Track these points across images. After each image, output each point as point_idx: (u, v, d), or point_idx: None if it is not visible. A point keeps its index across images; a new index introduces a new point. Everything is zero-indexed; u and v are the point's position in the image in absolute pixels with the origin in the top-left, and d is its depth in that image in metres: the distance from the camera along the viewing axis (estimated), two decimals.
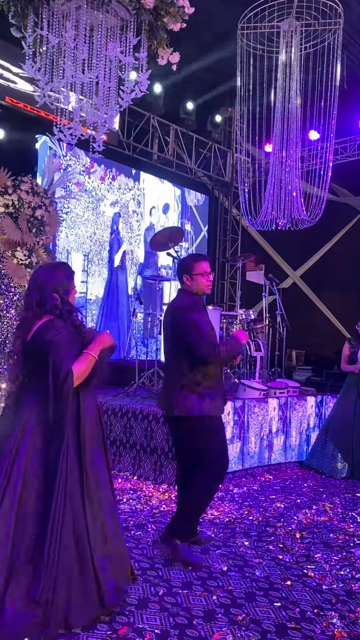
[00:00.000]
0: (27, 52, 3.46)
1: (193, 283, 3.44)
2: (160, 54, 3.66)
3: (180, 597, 2.87)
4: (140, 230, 10.06)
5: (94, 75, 3.55)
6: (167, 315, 3.53)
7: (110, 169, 9.47)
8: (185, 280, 3.48)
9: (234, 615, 2.72)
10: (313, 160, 9.62)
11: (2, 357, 6.56)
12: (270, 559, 3.47)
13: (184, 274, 3.48)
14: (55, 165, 8.26)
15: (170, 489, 4.85)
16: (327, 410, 6.53)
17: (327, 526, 4.16)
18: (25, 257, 6.40)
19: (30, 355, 2.57)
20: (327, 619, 2.73)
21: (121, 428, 5.54)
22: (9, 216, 6.33)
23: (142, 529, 3.85)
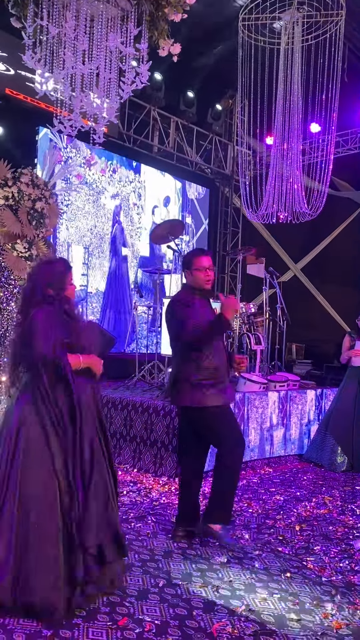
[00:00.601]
0: (27, 43, 3.43)
1: (192, 278, 3.50)
2: (161, 45, 3.64)
3: (180, 588, 2.89)
4: (140, 223, 10.03)
5: (94, 67, 3.52)
6: (166, 309, 3.62)
7: (110, 161, 9.43)
8: (186, 275, 3.56)
9: (233, 606, 2.74)
10: (314, 153, 9.58)
11: (3, 350, 6.57)
12: (270, 551, 3.48)
13: (185, 269, 3.56)
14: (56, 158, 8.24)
15: (170, 481, 4.86)
16: (327, 404, 6.54)
17: (326, 519, 4.17)
18: (25, 250, 6.38)
19: (23, 345, 2.61)
20: (326, 611, 2.74)
21: (121, 421, 5.55)
22: (8, 208, 6.32)
23: (142, 521, 3.87)
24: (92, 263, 9.06)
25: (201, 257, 3.48)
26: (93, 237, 9.11)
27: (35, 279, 2.72)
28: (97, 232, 9.20)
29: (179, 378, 3.47)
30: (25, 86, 7.44)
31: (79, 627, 2.44)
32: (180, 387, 3.44)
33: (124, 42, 3.43)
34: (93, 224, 9.12)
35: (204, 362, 3.38)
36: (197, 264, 3.46)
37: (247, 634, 2.49)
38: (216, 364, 3.42)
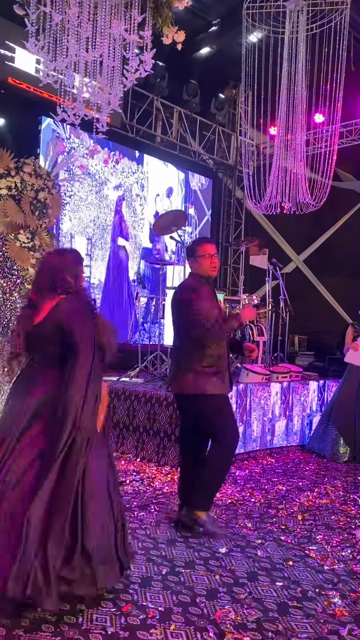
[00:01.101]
0: (30, 30, 3.41)
1: (198, 266, 3.55)
2: (165, 33, 3.61)
3: (183, 576, 2.91)
4: (143, 215, 10.00)
5: (97, 54, 3.50)
6: (172, 298, 3.64)
7: (113, 152, 9.39)
8: (191, 264, 3.61)
9: (236, 593, 2.75)
10: (318, 144, 9.52)
11: (6, 340, 6.57)
12: (272, 540, 3.50)
13: (189, 257, 3.60)
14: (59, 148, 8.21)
15: (172, 470, 4.88)
16: (329, 395, 6.55)
17: (328, 508, 4.19)
18: (28, 240, 6.37)
19: (42, 336, 2.58)
20: (328, 598, 2.76)
21: (124, 411, 5.56)
22: (11, 198, 6.31)
23: (145, 509, 3.88)
24: (94, 254, 9.05)
25: (206, 245, 3.54)
26: (96, 228, 9.10)
27: (52, 268, 2.66)
28: (99, 223, 9.18)
29: (181, 365, 3.52)
30: (28, 75, 7.40)
31: (83, 612, 2.46)
32: (183, 374, 3.47)
33: (128, 30, 3.40)
34: (96, 215, 9.10)
35: (207, 350, 3.42)
36: (202, 251, 3.51)
37: (250, 620, 2.51)
38: (219, 353, 3.46)
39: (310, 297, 11.17)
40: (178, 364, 3.56)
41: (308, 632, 2.44)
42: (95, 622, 2.40)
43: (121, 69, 3.62)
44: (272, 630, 2.44)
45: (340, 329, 8.84)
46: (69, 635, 2.29)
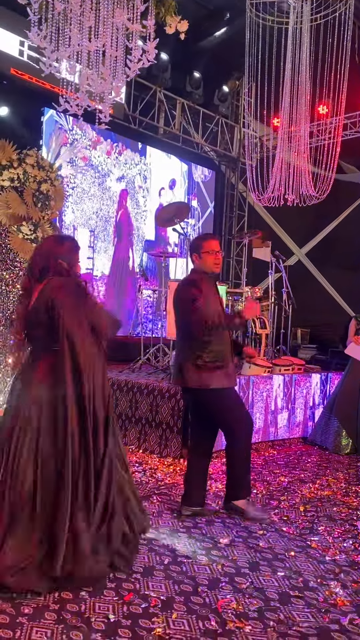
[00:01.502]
0: (33, 20, 3.39)
1: (201, 262, 3.56)
2: (168, 22, 3.59)
3: (185, 566, 2.92)
4: (146, 207, 9.98)
5: (100, 44, 3.48)
6: (175, 293, 3.65)
7: (116, 144, 9.36)
8: (194, 259, 3.62)
9: (238, 583, 2.77)
10: (321, 136, 9.47)
11: (9, 330, 6.58)
12: (274, 531, 3.51)
13: (193, 253, 3.60)
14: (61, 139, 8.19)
15: (175, 462, 4.90)
16: (332, 387, 6.55)
17: (330, 500, 4.20)
18: (31, 232, 6.37)
19: (35, 320, 2.60)
20: (329, 588, 2.77)
21: (127, 403, 5.57)
22: (14, 190, 6.30)
23: (148, 500, 3.90)
24: (97, 246, 9.04)
25: (210, 241, 3.56)
26: (99, 220, 9.08)
27: (45, 253, 2.68)
28: (102, 215, 9.16)
29: (185, 360, 3.53)
30: (30, 66, 7.37)
31: (86, 601, 2.48)
32: (187, 369, 3.49)
33: (131, 19, 3.38)
34: (99, 207, 9.08)
35: (209, 345, 3.44)
36: (206, 247, 3.53)
37: (251, 610, 2.52)
38: (221, 347, 3.49)
39: (313, 289, 11.15)
40: (181, 358, 3.57)
41: (309, 621, 2.46)
42: (97, 610, 2.42)
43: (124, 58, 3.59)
44: (274, 619, 2.45)
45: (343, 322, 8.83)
46: (71, 622, 2.30)
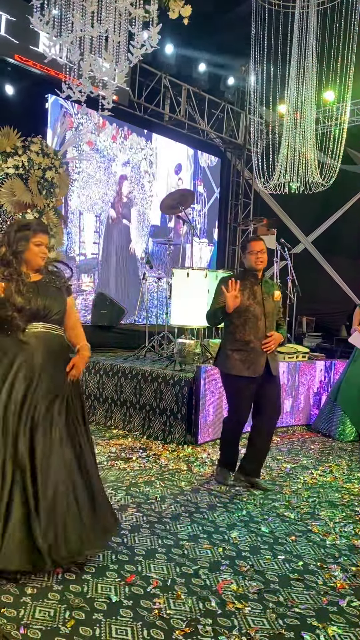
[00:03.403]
0: (35, 5, 3.37)
1: (246, 260, 3.96)
2: (171, 7, 3.56)
3: (186, 549, 2.96)
4: (152, 191, 9.94)
5: (103, 30, 3.47)
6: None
7: (122, 128, 9.32)
8: (242, 259, 4.04)
9: (238, 566, 2.81)
10: (328, 122, 9.38)
11: None
12: (276, 515, 3.55)
13: (242, 252, 4.05)
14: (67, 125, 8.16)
15: (178, 448, 4.94)
16: (336, 375, 6.56)
17: (332, 486, 4.23)
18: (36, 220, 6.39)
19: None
20: (329, 572, 2.81)
21: (131, 390, 5.61)
22: (19, 177, 6.31)
23: (151, 485, 3.94)
24: (102, 231, 9.04)
25: (253, 242, 3.92)
26: (104, 205, 9.07)
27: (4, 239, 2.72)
28: (108, 200, 9.15)
29: (220, 346, 4.12)
30: (34, 52, 7.33)
31: (88, 582, 2.52)
32: (219, 354, 4.03)
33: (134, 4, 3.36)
34: (104, 192, 9.06)
35: (237, 335, 3.87)
36: (249, 248, 3.90)
37: (251, 592, 2.56)
38: (248, 339, 3.84)
39: (319, 278, 11.11)
40: (220, 344, 4.17)
41: (308, 603, 2.49)
42: (99, 591, 2.46)
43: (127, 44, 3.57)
44: (273, 601, 2.49)
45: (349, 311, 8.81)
46: (74, 603, 2.35)
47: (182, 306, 5.84)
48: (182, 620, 2.29)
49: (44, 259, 2.76)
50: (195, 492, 3.89)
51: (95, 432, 5.48)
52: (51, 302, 2.73)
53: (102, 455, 4.62)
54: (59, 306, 2.76)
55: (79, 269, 8.61)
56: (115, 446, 4.94)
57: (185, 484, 4.03)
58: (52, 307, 2.72)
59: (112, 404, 5.81)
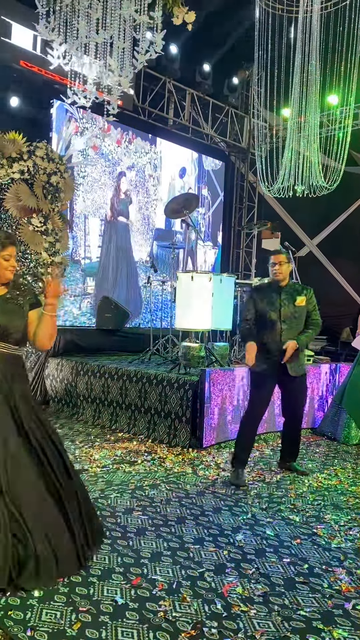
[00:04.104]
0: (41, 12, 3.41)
1: (270, 272, 4.35)
2: (175, 13, 3.59)
3: (192, 552, 2.97)
4: (156, 195, 9.97)
5: (108, 36, 3.50)
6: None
7: (126, 132, 9.35)
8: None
9: (243, 569, 2.81)
10: (332, 126, 9.40)
11: None
12: (281, 518, 3.55)
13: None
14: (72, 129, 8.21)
15: (183, 451, 4.95)
16: (341, 378, 6.55)
17: (337, 489, 4.23)
18: (41, 224, 6.43)
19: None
20: (334, 575, 2.81)
21: (136, 393, 5.63)
22: (24, 182, 6.35)
23: (156, 488, 3.96)
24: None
25: (272, 256, 4.33)
26: (109, 209, 9.10)
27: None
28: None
29: None
30: (39, 58, 7.39)
31: (94, 584, 2.54)
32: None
33: (138, 10, 3.39)
34: (109, 196, 9.09)
35: (258, 337, 4.25)
36: (270, 261, 4.33)
37: (256, 595, 2.57)
38: (266, 341, 4.22)
39: (324, 281, 11.10)
40: None
41: (313, 606, 2.50)
42: (106, 593, 2.48)
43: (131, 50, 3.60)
44: (278, 604, 2.50)
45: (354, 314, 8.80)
46: (80, 605, 2.36)
47: (187, 309, 5.86)
48: (188, 622, 2.30)
49: (13, 272, 2.73)
50: (200, 495, 3.90)
51: (101, 435, 5.50)
52: (8, 320, 2.66)
53: (108, 459, 4.64)
54: (16, 325, 2.68)
55: (84, 273, 8.63)
56: (120, 449, 4.96)
57: (190, 487, 4.04)
58: (8, 326, 2.65)
59: (117, 407, 5.83)
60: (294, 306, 4.25)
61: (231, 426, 5.36)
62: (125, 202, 9.30)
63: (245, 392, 5.53)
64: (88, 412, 6.15)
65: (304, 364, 4.42)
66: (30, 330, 2.76)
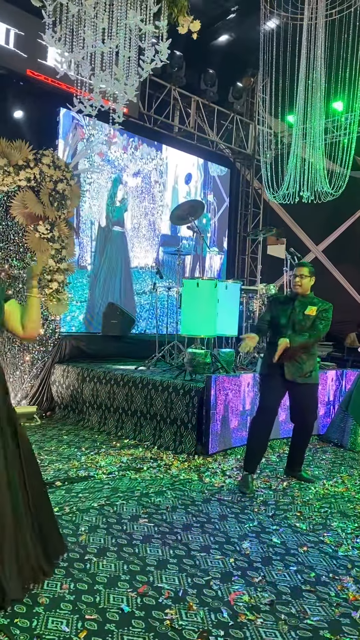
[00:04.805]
0: (47, 22, 3.44)
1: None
2: (180, 22, 3.61)
3: (198, 559, 2.96)
4: (162, 201, 10.00)
5: (114, 45, 3.52)
6: None
7: (132, 139, 9.40)
8: None
9: (250, 577, 2.80)
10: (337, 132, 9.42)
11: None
12: (287, 526, 3.53)
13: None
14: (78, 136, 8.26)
15: (189, 458, 4.94)
16: (348, 384, 6.53)
17: (344, 497, 4.21)
18: (47, 231, 6.46)
19: None
20: (341, 583, 2.79)
21: (142, 399, 5.63)
22: (30, 190, 6.39)
23: (162, 495, 3.95)
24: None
25: (295, 268, 4.44)
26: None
27: None
28: None
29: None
30: (46, 67, 7.45)
31: (100, 592, 2.53)
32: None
33: (144, 20, 3.42)
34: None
35: (270, 341, 4.41)
36: (293, 272, 4.44)
37: (263, 603, 2.55)
38: (273, 342, 4.30)
39: (329, 287, 11.08)
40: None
41: (320, 614, 2.48)
42: (112, 602, 2.47)
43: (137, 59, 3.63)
44: (285, 612, 2.49)
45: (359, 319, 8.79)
46: (86, 613, 2.36)
47: (192, 316, 5.87)
48: (194, 631, 2.29)
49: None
50: (206, 502, 3.89)
51: (107, 441, 5.50)
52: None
53: (114, 465, 4.64)
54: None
55: (90, 278, 8.67)
56: (126, 456, 4.96)
57: (196, 494, 4.03)
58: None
59: (122, 414, 5.83)
60: (303, 314, 4.31)
61: (237, 433, 5.35)
62: (121, 210, 9.30)
63: (252, 398, 5.53)
64: (94, 418, 6.16)
65: (313, 373, 4.35)
66: (12, 324, 2.65)
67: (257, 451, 4.32)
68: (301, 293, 4.37)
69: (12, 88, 7.56)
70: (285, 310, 4.36)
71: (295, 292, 4.39)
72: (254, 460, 4.31)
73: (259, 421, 4.33)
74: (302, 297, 4.38)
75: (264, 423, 4.31)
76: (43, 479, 2.81)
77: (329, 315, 4.37)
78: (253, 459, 4.31)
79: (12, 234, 6.48)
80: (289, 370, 4.27)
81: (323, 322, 4.33)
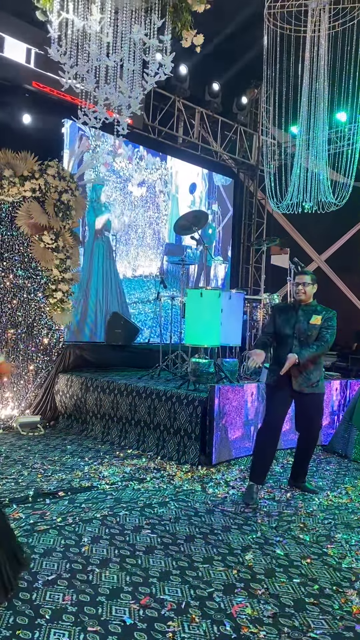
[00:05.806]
0: (53, 36, 3.49)
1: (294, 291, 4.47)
2: (184, 36, 3.66)
3: (201, 571, 2.95)
4: (167, 211, 10.05)
5: (118, 59, 3.57)
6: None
7: (137, 149, 9.47)
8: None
9: (253, 589, 2.79)
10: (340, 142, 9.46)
11: (30, 339, 6.71)
12: (291, 537, 3.52)
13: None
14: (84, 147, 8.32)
15: (192, 468, 4.93)
16: (352, 395, 6.51)
17: (348, 508, 4.19)
18: (52, 241, 6.51)
19: None
20: (345, 596, 2.78)
21: (145, 409, 5.63)
22: (35, 200, 6.44)
23: (165, 506, 3.94)
24: (119, 250, 9.13)
25: (297, 275, 4.45)
26: (120, 225, 9.18)
27: None
28: (124, 220, 9.26)
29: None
30: (51, 79, 7.52)
31: (103, 604, 2.53)
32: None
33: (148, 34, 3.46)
34: (120, 212, 9.18)
35: (275, 352, 4.44)
36: (295, 280, 4.43)
37: (266, 615, 2.54)
38: (280, 354, 4.32)
39: (333, 296, 11.10)
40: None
41: (323, 628, 2.47)
42: (114, 613, 2.47)
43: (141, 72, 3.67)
44: (288, 625, 2.47)
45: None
46: (89, 625, 2.36)
47: (196, 325, 5.88)
48: None
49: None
50: (209, 513, 3.88)
51: (110, 451, 5.50)
52: None
53: (117, 476, 4.63)
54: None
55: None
56: (129, 466, 4.95)
57: (199, 505, 4.02)
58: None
59: (126, 424, 5.83)
60: (307, 324, 4.29)
61: (241, 443, 5.34)
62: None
63: (256, 408, 5.52)
64: (97, 428, 6.16)
65: (319, 383, 4.34)
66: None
67: (263, 463, 4.30)
68: (304, 301, 4.36)
69: (18, 99, 7.64)
70: (289, 319, 4.35)
71: (299, 300, 4.37)
72: (259, 472, 4.29)
73: (264, 435, 4.30)
74: (305, 305, 4.37)
75: (269, 438, 4.30)
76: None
77: (334, 323, 4.36)
78: (259, 470, 4.29)
79: (17, 244, 6.53)
80: (297, 381, 4.26)
81: (329, 330, 4.32)
